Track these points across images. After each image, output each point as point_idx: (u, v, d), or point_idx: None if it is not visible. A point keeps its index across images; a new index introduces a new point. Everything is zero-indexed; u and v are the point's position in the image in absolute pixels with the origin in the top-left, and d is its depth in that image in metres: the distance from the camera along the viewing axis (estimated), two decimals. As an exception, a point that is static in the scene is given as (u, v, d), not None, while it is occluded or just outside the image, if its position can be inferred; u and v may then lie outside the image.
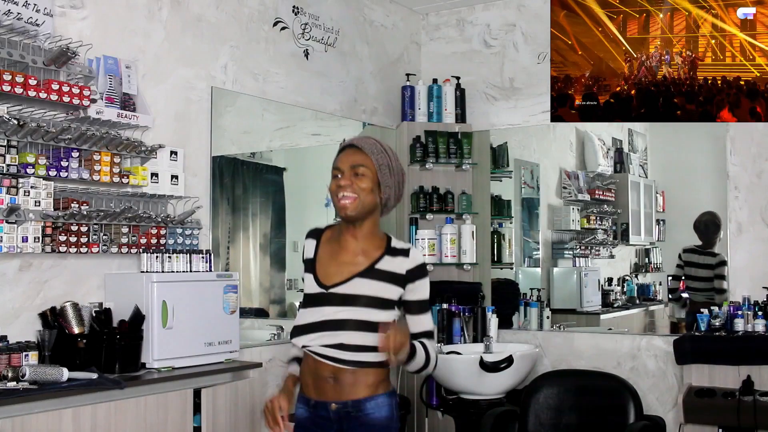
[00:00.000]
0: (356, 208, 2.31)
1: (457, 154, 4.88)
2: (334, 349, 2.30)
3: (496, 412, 3.96)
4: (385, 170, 2.33)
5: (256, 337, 4.13)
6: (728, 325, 4.00)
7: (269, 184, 4.60)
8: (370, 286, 2.32)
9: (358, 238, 2.37)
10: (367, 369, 2.31)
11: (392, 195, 2.37)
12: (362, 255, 2.36)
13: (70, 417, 2.67)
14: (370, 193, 2.32)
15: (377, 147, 2.35)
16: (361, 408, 2.32)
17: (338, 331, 2.30)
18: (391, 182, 2.35)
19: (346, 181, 2.31)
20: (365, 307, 2.30)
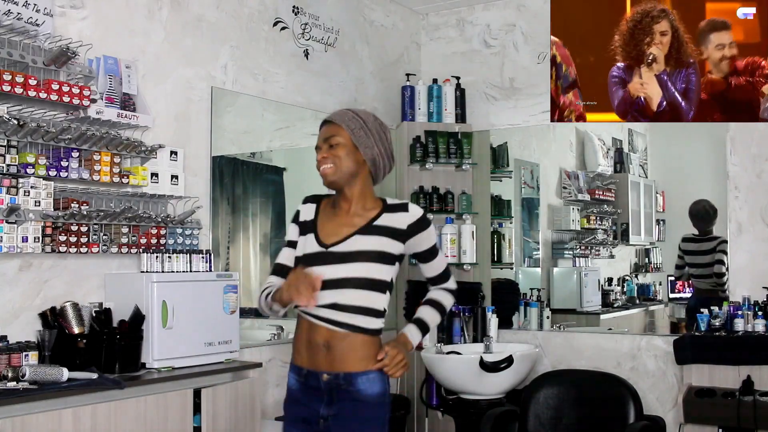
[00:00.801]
0: (335, 173, 2.38)
1: (457, 154, 4.88)
2: (329, 310, 2.32)
3: (496, 412, 3.97)
4: (360, 132, 2.38)
5: (256, 337, 4.13)
6: (728, 325, 4.00)
7: (269, 184, 4.60)
8: (370, 241, 2.36)
9: (352, 201, 2.42)
10: (360, 335, 2.32)
11: (377, 154, 2.41)
12: (358, 216, 2.40)
13: (70, 417, 2.67)
14: (347, 158, 2.38)
15: (348, 115, 2.41)
16: (353, 382, 2.31)
17: (335, 290, 2.32)
18: (370, 142, 2.39)
19: (323, 154, 2.41)
20: (365, 262, 2.34)
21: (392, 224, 2.38)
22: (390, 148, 2.46)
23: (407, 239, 2.40)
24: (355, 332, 2.32)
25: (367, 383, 2.32)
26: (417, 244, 2.43)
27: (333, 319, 2.31)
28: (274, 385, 3.99)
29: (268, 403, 3.94)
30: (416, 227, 2.40)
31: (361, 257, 2.34)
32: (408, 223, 2.39)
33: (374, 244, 2.35)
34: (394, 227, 2.38)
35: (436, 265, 2.52)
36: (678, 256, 5.10)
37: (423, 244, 2.44)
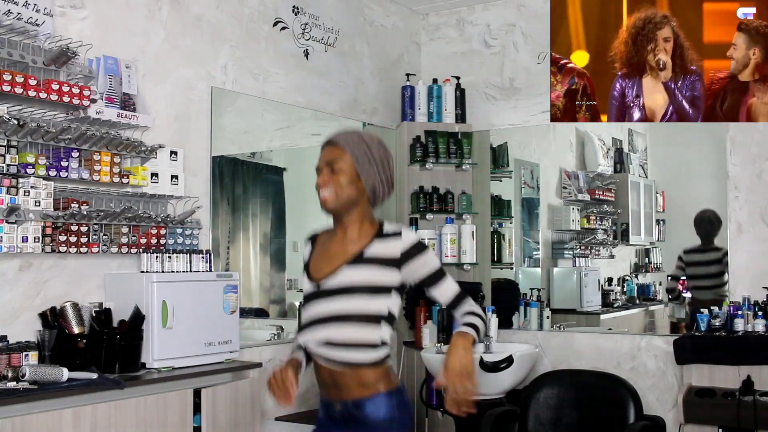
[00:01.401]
0: (335, 201, 2.31)
1: (457, 154, 4.88)
2: (323, 347, 2.29)
3: (496, 412, 3.96)
4: (363, 161, 2.31)
5: (256, 337, 4.13)
6: (728, 325, 4.00)
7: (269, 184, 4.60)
8: (360, 273, 2.28)
9: (347, 230, 2.35)
10: (359, 370, 2.27)
11: (378, 183, 2.34)
12: (353, 243, 2.33)
13: (70, 417, 2.67)
14: (349, 186, 2.31)
15: (353, 139, 2.34)
16: (361, 407, 2.29)
17: (329, 325, 2.28)
18: (372, 171, 2.32)
19: (324, 179, 2.33)
20: (355, 296, 2.27)
21: (384, 253, 2.29)
22: (391, 177, 2.39)
23: (403, 267, 2.28)
24: (353, 368, 2.28)
25: (373, 407, 2.28)
26: (415, 271, 2.31)
27: (328, 358, 2.29)
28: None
29: (268, 403, 3.93)
30: (410, 253, 2.29)
31: (350, 291, 2.27)
32: (401, 250, 2.28)
33: (364, 276, 2.27)
34: (386, 256, 2.28)
35: (446, 288, 2.36)
36: (677, 267, 5.07)
37: (421, 270, 2.31)
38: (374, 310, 2.27)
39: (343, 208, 2.33)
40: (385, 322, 2.29)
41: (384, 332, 2.29)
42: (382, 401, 2.28)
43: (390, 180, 2.39)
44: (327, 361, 2.29)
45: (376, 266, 2.28)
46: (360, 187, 2.33)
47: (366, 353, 2.27)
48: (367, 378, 2.28)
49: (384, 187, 2.37)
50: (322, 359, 2.30)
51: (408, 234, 2.33)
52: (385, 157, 2.37)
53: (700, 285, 4.91)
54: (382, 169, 2.35)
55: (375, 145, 2.35)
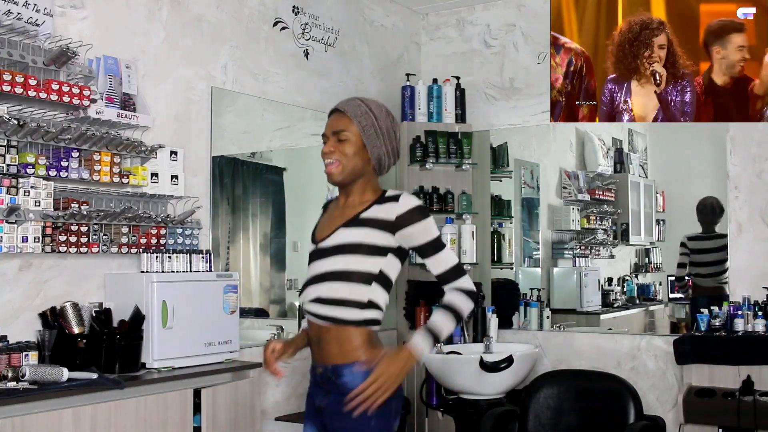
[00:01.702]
0: (341, 173, 2.33)
1: (457, 154, 4.88)
2: (314, 304, 2.31)
3: (496, 412, 3.96)
4: (370, 131, 2.32)
5: (256, 337, 4.13)
6: (728, 325, 4.00)
7: (269, 184, 4.60)
8: (353, 233, 2.29)
9: (350, 195, 2.38)
10: (345, 328, 2.27)
11: (384, 153, 2.35)
12: (352, 208, 2.35)
13: (70, 417, 2.67)
14: (354, 156, 2.32)
15: (361, 108, 2.34)
16: (339, 374, 2.27)
17: (320, 284, 2.31)
18: (379, 142, 2.33)
19: (330, 148, 2.33)
20: (346, 254, 2.28)
21: (380, 215, 2.28)
22: (397, 146, 2.40)
23: (396, 230, 2.27)
24: (338, 324, 2.27)
25: (350, 376, 2.24)
26: (410, 237, 2.28)
27: (317, 313, 2.31)
28: (274, 385, 3.99)
29: (268, 403, 3.94)
30: (405, 218, 2.27)
31: (342, 250, 2.29)
32: (397, 213, 2.27)
33: (356, 235, 2.28)
34: (382, 218, 2.28)
35: (440, 260, 2.31)
36: (682, 254, 5.07)
37: (417, 238, 2.29)
38: (365, 269, 2.27)
39: (348, 179, 2.34)
40: (377, 283, 2.28)
41: (374, 293, 2.28)
42: (360, 373, 2.24)
43: (396, 150, 2.40)
44: (315, 317, 2.32)
45: (369, 227, 2.29)
46: (365, 156, 2.34)
47: (351, 311, 2.26)
48: (349, 339, 2.26)
49: (390, 157, 2.39)
50: (311, 315, 2.33)
51: (406, 199, 2.31)
52: (392, 127, 2.38)
53: (702, 273, 4.91)
54: (389, 140, 2.36)
55: (383, 115, 2.36)
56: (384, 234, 2.28)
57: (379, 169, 2.39)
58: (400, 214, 2.27)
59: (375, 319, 2.31)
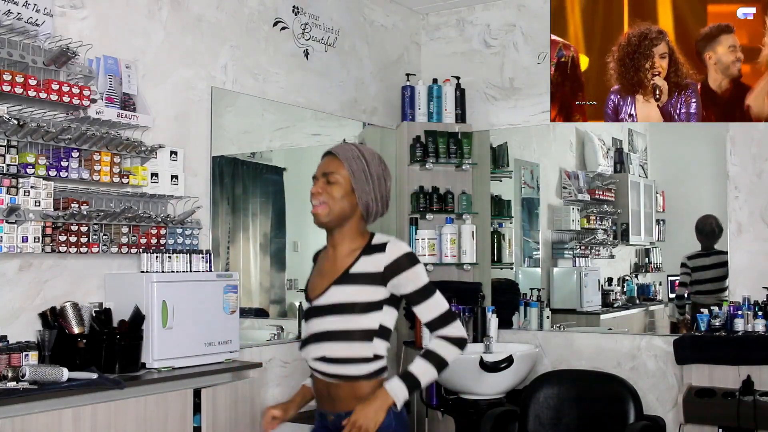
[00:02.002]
0: (327, 215, 2.31)
1: (457, 154, 4.88)
2: (320, 362, 2.32)
3: (496, 412, 3.96)
4: (360, 176, 2.31)
5: (256, 337, 4.13)
6: (728, 325, 4.00)
7: (269, 184, 4.60)
8: (345, 292, 2.29)
9: (337, 246, 2.36)
10: (352, 383, 2.29)
11: (372, 200, 2.33)
12: (340, 262, 2.34)
13: (70, 417, 2.67)
14: (342, 200, 2.31)
15: (353, 153, 2.33)
16: None
17: (321, 343, 2.31)
18: (368, 188, 2.32)
19: (318, 189, 2.33)
20: (344, 314, 2.28)
21: (369, 269, 2.28)
22: (387, 195, 2.38)
23: (386, 281, 2.26)
24: (348, 381, 2.30)
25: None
26: (399, 286, 2.27)
27: (324, 372, 2.32)
28: (274, 385, 3.99)
29: (268, 403, 3.93)
30: (393, 268, 2.26)
31: (338, 309, 2.28)
32: (384, 264, 2.26)
33: (350, 294, 2.28)
34: (371, 272, 2.27)
35: (428, 307, 2.29)
36: (683, 274, 5.06)
37: (406, 286, 2.27)
38: (364, 327, 2.27)
39: (334, 222, 2.33)
40: (378, 337, 2.29)
41: (377, 347, 2.29)
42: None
43: (385, 198, 2.38)
44: (323, 375, 2.33)
45: (361, 284, 2.28)
46: (353, 201, 2.32)
47: (359, 367, 2.28)
48: (361, 390, 2.29)
49: (378, 204, 2.36)
50: (318, 373, 2.34)
51: (393, 248, 2.29)
52: (383, 174, 2.36)
53: (702, 290, 4.92)
54: (378, 187, 2.34)
55: (375, 162, 2.35)
56: (375, 288, 2.28)
57: (367, 217, 2.36)
58: (387, 265, 2.27)
59: (382, 368, 2.32)
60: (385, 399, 2.25)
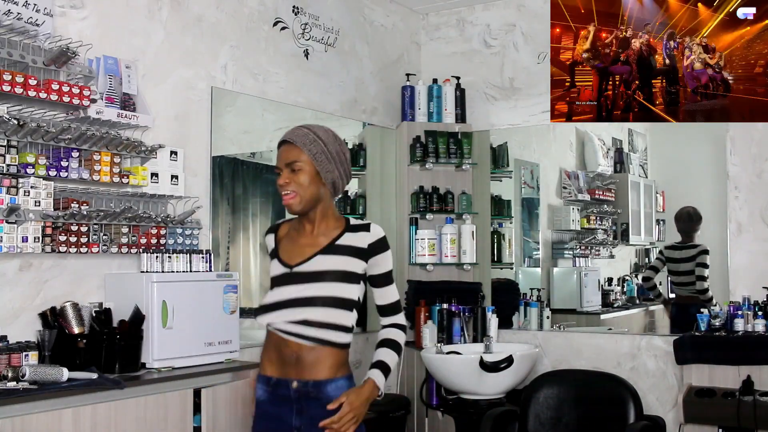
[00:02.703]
0: (300, 203, 2.39)
1: (457, 154, 4.88)
2: (299, 325, 2.36)
3: (496, 412, 3.96)
4: (322, 158, 2.37)
5: (256, 337, 4.11)
6: (728, 325, 4.00)
7: (269, 184, 4.60)
8: (334, 261, 2.38)
9: (314, 223, 2.44)
10: (329, 348, 2.36)
11: (337, 177, 2.41)
12: (322, 235, 2.42)
13: (70, 417, 2.67)
14: (310, 185, 2.38)
15: (309, 137, 2.39)
16: (322, 389, 2.35)
17: (304, 308, 2.36)
18: (331, 166, 2.39)
19: (285, 180, 2.41)
20: (331, 282, 2.36)
21: (354, 243, 2.40)
22: (348, 167, 2.46)
23: (368, 258, 2.40)
24: (324, 345, 2.36)
25: (336, 390, 2.36)
26: (375, 265, 2.42)
27: (304, 335, 2.36)
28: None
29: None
30: (377, 247, 2.40)
31: (326, 276, 2.37)
32: (369, 242, 2.39)
33: (338, 263, 2.38)
34: (357, 246, 2.39)
35: (388, 293, 2.47)
36: (657, 259, 5.16)
37: (380, 266, 2.43)
38: (347, 296, 2.38)
39: (308, 207, 2.41)
40: (355, 309, 2.41)
41: (354, 319, 2.41)
42: (343, 384, 2.38)
43: (348, 171, 2.46)
44: (299, 337, 2.36)
45: (346, 255, 2.39)
46: (320, 183, 2.40)
47: (340, 335, 2.37)
48: (333, 359, 2.37)
49: (343, 179, 2.45)
50: (294, 336, 2.37)
51: (376, 228, 2.43)
52: (341, 150, 2.43)
53: (676, 281, 4.99)
54: (340, 163, 2.42)
55: (330, 139, 2.42)
56: (358, 261, 2.40)
57: (334, 192, 2.45)
58: (372, 242, 2.41)
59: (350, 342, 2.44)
60: (373, 391, 2.38)
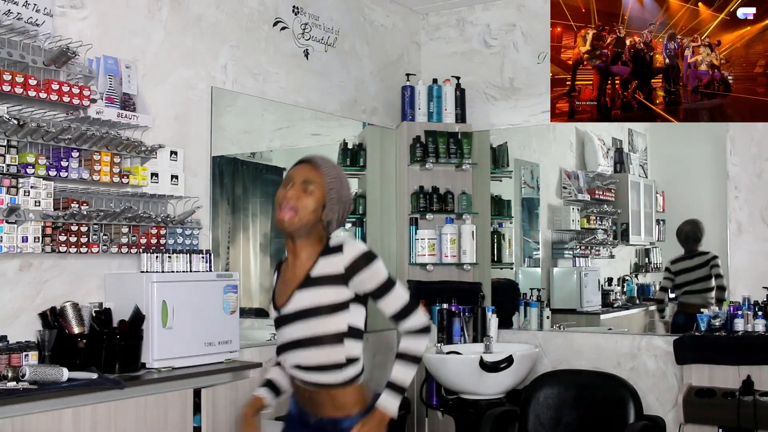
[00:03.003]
0: (294, 224, 2.32)
1: (457, 154, 4.88)
2: (296, 370, 2.35)
3: (496, 412, 3.96)
4: (333, 196, 2.34)
5: (256, 337, 4.13)
6: (728, 325, 4.00)
7: (269, 184, 4.60)
8: (310, 295, 2.30)
9: (298, 253, 2.37)
10: (329, 390, 2.31)
11: (334, 220, 2.37)
12: (299, 268, 2.36)
13: (70, 417, 2.67)
14: (312, 213, 2.32)
15: (333, 172, 2.37)
16: (337, 425, 2.33)
17: (294, 351, 2.34)
18: (336, 208, 2.35)
19: (294, 193, 2.34)
20: (312, 318, 2.29)
21: (329, 271, 2.29)
22: (345, 219, 2.43)
23: (349, 281, 2.28)
24: (325, 389, 2.32)
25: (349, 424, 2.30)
26: (361, 284, 2.29)
27: (301, 379, 2.35)
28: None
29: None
30: (355, 267, 2.28)
31: (303, 315, 2.30)
32: (344, 265, 2.28)
33: (314, 297, 2.29)
34: (331, 273, 2.29)
35: (390, 301, 2.32)
36: (665, 278, 5.11)
37: (368, 283, 2.29)
38: (332, 330, 2.28)
39: (298, 231, 2.34)
40: (349, 338, 2.30)
41: (349, 348, 2.30)
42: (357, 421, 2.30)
43: (343, 222, 2.43)
44: (301, 382, 2.36)
45: (323, 286, 2.30)
46: (320, 216, 2.34)
47: (334, 374, 2.30)
48: (340, 398, 2.31)
49: (335, 224, 2.40)
50: (296, 380, 2.38)
51: (350, 248, 2.31)
52: (349, 200, 2.42)
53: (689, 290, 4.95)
54: (343, 211, 2.39)
55: (346, 187, 2.40)
56: (338, 288, 2.29)
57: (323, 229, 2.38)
58: (347, 265, 2.29)
59: (357, 375, 2.34)
60: (381, 419, 2.30)
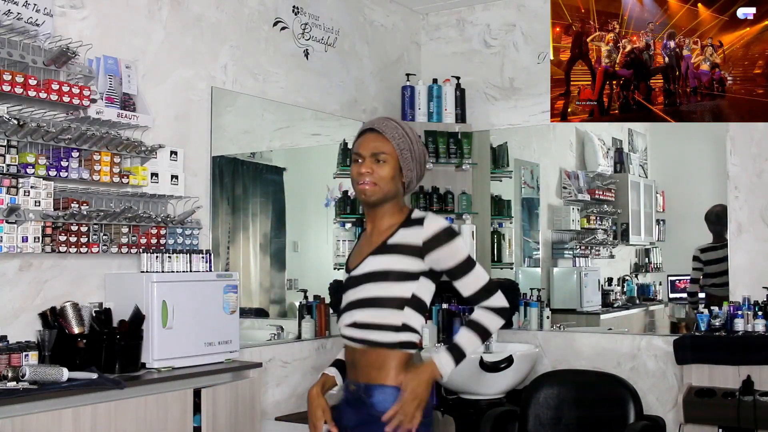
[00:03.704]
0: (375, 194, 2.30)
1: (457, 154, 4.88)
2: (350, 328, 2.32)
3: (496, 412, 3.96)
4: (407, 155, 2.31)
5: (256, 337, 4.13)
6: (728, 325, 4.00)
7: (269, 184, 4.60)
8: (382, 261, 2.29)
9: (377, 222, 2.36)
10: (378, 350, 2.27)
11: (414, 177, 2.36)
12: (378, 235, 2.35)
13: (70, 417, 2.67)
14: (391, 180, 2.30)
15: (399, 131, 2.32)
16: (370, 393, 2.28)
17: (354, 310, 2.32)
18: (413, 165, 2.33)
19: (367, 168, 2.30)
20: (378, 282, 2.28)
21: (407, 241, 2.27)
22: (425, 170, 2.40)
23: (425, 255, 2.25)
24: (372, 347, 2.28)
25: (381, 397, 2.25)
26: (438, 261, 2.26)
27: (352, 336, 2.33)
28: (274, 385, 3.99)
29: (268, 403, 3.94)
30: (432, 243, 2.25)
31: (372, 278, 2.29)
32: (423, 239, 2.25)
33: (386, 263, 2.28)
34: (409, 244, 2.27)
35: (469, 281, 2.28)
36: (695, 269, 4.99)
37: (447, 261, 2.26)
38: (396, 295, 2.27)
39: (381, 200, 2.33)
40: (409, 307, 2.28)
41: (408, 316, 2.28)
42: (391, 393, 2.24)
43: (423, 174, 2.40)
44: (350, 340, 2.33)
45: (397, 254, 2.28)
46: (400, 179, 2.33)
47: (385, 334, 2.27)
48: (384, 361, 2.27)
49: (418, 180, 2.39)
50: (348, 339, 2.34)
51: (431, 223, 2.28)
52: (422, 152, 2.38)
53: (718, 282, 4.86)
54: (420, 165, 2.36)
55: (415, 139, 2.36)
56: (413, 259, 2.27)
57: (405, 191, 2.39)
58: (426, 239, 2.26)
59: (411, 342, 2.30)
60: (431, 374, 2.25)
